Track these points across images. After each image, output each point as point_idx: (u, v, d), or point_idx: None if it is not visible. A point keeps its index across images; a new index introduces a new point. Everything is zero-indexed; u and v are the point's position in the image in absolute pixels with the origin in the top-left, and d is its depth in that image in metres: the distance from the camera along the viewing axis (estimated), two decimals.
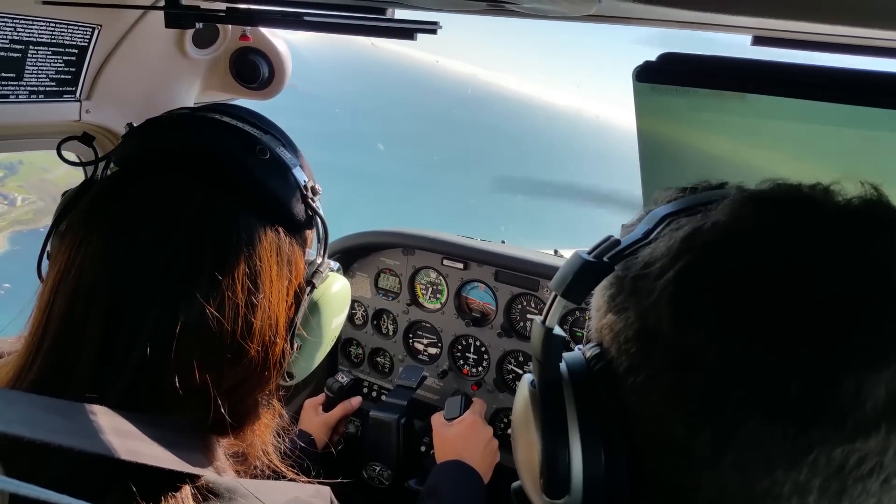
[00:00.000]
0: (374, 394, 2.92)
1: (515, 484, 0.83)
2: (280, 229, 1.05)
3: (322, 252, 1.15)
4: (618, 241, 0.72)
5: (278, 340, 1.04)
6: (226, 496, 0.90)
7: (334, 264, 1.19)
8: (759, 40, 1.18)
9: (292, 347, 1.08)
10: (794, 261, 0.60)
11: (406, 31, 1.35)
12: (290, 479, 1.17)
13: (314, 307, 1.11)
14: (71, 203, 1.09)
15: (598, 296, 0.75)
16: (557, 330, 0.72)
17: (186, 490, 0.88)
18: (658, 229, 0.71)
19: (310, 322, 1.11)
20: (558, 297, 0.72)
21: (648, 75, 1.13)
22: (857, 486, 0.57)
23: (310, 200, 1.09)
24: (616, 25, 1.21)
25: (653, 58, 1.14)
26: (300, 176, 1.09)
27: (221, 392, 0.97)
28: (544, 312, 0.73)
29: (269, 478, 1.15)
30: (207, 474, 0.91)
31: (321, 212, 1.12)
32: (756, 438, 0.58)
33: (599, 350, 0.73)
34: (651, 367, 0.65)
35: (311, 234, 1.16)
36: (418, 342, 2.86)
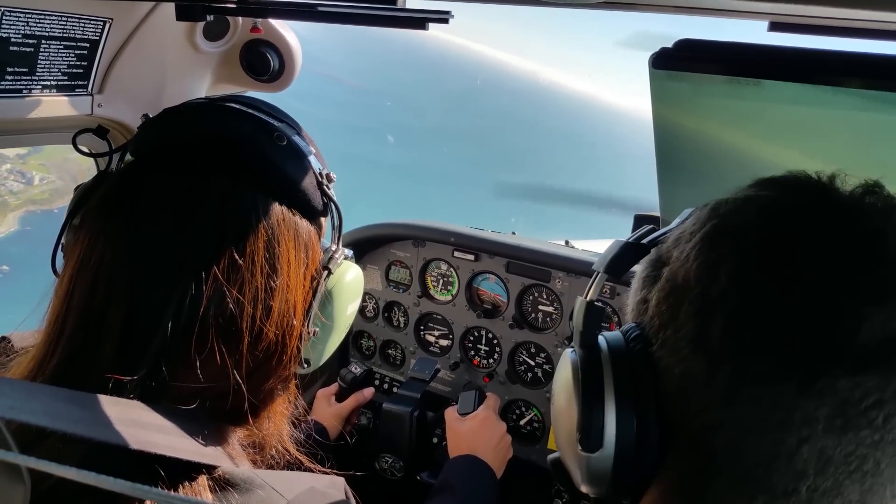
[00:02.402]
0: (385, 385, 2.93)
1: (552, 456, 0.91)
2: (298, 216, 1.06)
3: (337, 239, 1.17)
4: (654, 229, 0.83)
5: (296, 324, 1.05)
6: (242, 487, 0.91)
7: (348, 251, 1.20)
8: (776, 26, 1.17)
9: (309, 333, 1.09)
10: (803, 221, 0.70)
11: (418, 21, 1.34)
12: (306, 469, 1.17)
13: (330, 293, 1.13)
14: (85, 196, 1.10)
15: (636, 279, 0.83)
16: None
17: (203, 480, 0.88)
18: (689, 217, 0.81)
19: (326, 308, 1.13)
20: (600, 274, 0.83)
21: (665, 62, 1.12)
22: (860, 420, 0.62)
23: (325, 187, 1.11)
24: (630, 13, 1.19)
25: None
26: (315, 163, 1.10)
27: (240, 378, 0.99)
28: (587, 289, 0.84)
29: (284, 467, 1.15)
30: (224, 465, 0.91)
31: (336, 199, 1.13)
32: (769, 373, 0.65)
33: (634, 325, 0.81)
34: (678, 320, 0.72)
35: (325, 222, 1.17)
36: (429, 334, 2.87)
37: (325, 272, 1.12)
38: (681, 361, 0.71)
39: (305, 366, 1.15)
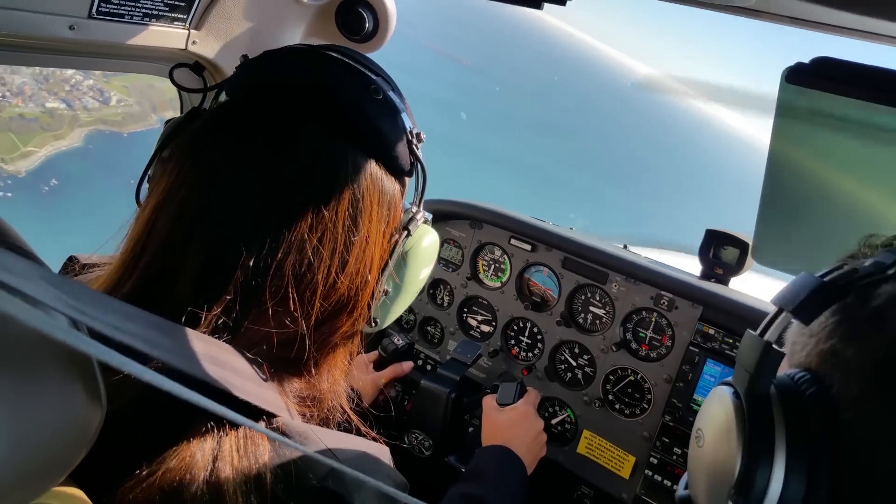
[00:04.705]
0: (419, 362, 2.91)
1: (682, 493, 0.88)
2: (385, 171, 1.06)
3: (419, 201, 1.16)
4: (855, 270, 0.74)
5: (370, 280, 1.06)
6: (297, 440, 0.91)
7: (428, 215, 1.18)
8: None
9: (381, 291, 1.09)
10: None
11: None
12: (357, 431, 1.17)
13: (406, 254, 1.13)
14: (176, 131, 1.10)
15: (819, 321, 0.75)
16: (785, 351, 0.76)
17: (262, 427, 0.88)
18: None
19: (400, 268, 1.12)
20: (784, 313, 0.74)
21: (799, 77, 1.06)
22: None
23: (414, 146, 1.10)
24: (771, 24, 1.12)
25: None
26: (407, 121, 1.09)
27: (308, 328, 0.99)
28: (763, 324, 0.76)
29: (338, 426, 1.15)
30: (283, 415, 0.92)
31: (423, 160, 1.12)
32: None
33: (810, 374, 0.73)
34: (888, 399, 0.65)
35: (409, 182, 1.15)
36: (472, 318, 2.84)
37: (405, 232, 1.11)
38: (883, 445, 0.65)
39: (373, 324, 1.15)
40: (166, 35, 1.58)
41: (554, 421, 2.57)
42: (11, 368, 0.54)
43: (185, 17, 1.57)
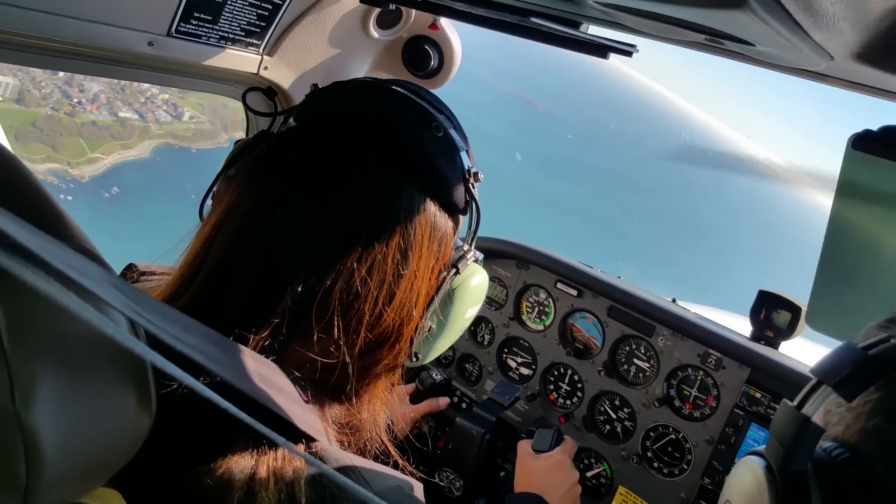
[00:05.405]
0: (455, 399, 2.89)
1: None
2: (438, 208, 1.06)
3: (471, 239, 1.16)
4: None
5: (415, 315, 1.06)
6: (333, 466, 0.90)
7: (479, 254, 1.18)
8: None
9: (425, 327, 1.09)
10: None
11: (600, 49, 1.30)
12: (394, 462, 1.16)
13: (454, 292, 1.12)
14: (244, 151, 1.14)
15: (865, 400, 0.71)
16: (816, 419, 0.70)
17: (301, 450, 0.88)
18: None
19: (446, 306, 1.12)
20: (824, 388, 0.70)
21: (865, 144, 1.03)
22: None
23: (470, 185, 1.10)
24: (843, 90, 1.10)
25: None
26: (466, 160, 1.10)
27: (352, 355, 1.00)
28: (801, 396, 0.71)
29: (375, 457, 1.14)
30: (322, 440, 0.92)
31: (478, 199, 1.12)
32: None
33: (850, 453, 0.69)
34: None
35: (462, 220, 1.16)
36: (512, 359, 2.80)
37: (453, 270, 1.11)
38: None
39: (414, 359, 1.14)
40: (240, 59, 1.64)
41: (589, 474, 2.50)
42: (71, 368, 0.56)
43: (259, 42, 1.63)
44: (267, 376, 0.86)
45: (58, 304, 0.55)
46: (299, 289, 0.94)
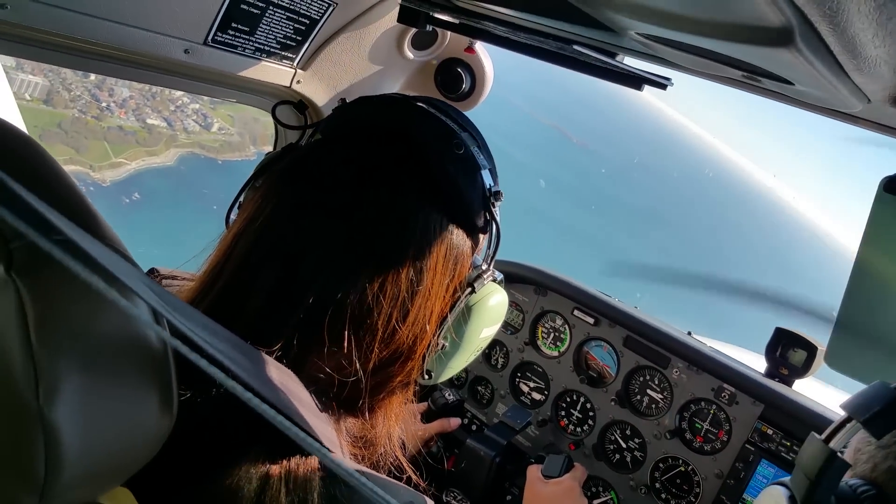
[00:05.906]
0: (465, 420, 2.88)
1: None
2: (456, 226, 1.05)
3: (490, 259, 1.14)
4: None
5: (428, 331, 1.04)
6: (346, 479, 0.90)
7: (499, 275, 1.16)
8: None
9: (439, 345, 1.07)
10: None
11: (635, 80, 1.32)
12: (407, 477, 1.16)
13: (468, 310, 1.09)
14: (271, 163, 1.15)
15: (888, 436, 0.72)
16: (847, 457, 0.72)
17: (315, 462, 0.88)
18: None
19: (461, 325, 1.10)
20: (853, 424, 0.71)
21: None
22: None
23: (490, 205, 1.09)
24: (875, 133, 1.10)
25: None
26: (487, 179, 1.09)
27: (365, 370, 0.99)
28: (829, 430, 0.72)
29: (389, 473, 1.14)
30: (336, 452, 0.92)
31: (498, 219, 1.11)
32: None
33: (875, 490, 0.70)
34: None
35: (483, 239, 1.14)
36: (525, 383, 2.80)
37: (469, 289, 1.09)
38: None
39: (427, 377, 1.13)
40: (273, 71, 1.67)
41: (596, 502, 2.48)
42: (96, 369, 0.57)
43: (293, 56, 1.66)
44: (287, 385, 0.86)
45: (86, 305, 0.56)
46: (312, 299, 0.94)
